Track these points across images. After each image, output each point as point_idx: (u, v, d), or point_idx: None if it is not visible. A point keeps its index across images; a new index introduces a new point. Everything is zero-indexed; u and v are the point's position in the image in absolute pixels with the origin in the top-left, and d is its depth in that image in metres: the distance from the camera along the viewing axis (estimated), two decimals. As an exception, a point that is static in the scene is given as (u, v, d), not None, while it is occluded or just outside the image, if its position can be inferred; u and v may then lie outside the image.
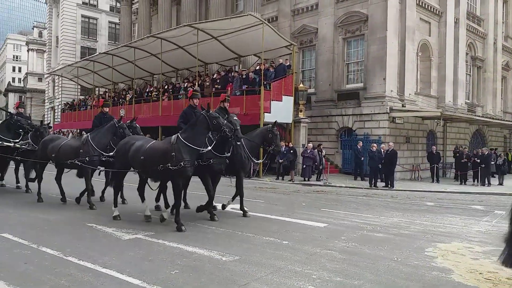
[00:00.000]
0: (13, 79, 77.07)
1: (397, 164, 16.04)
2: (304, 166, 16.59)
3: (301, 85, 19.60)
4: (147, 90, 24.76)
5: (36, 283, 4.04)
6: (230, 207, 8.44)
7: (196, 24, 19.41)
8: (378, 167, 15.50)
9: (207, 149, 6.69)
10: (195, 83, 20.37)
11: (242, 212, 8.05)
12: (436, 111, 19.27)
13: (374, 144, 16.27)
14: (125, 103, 25.09)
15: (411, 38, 20.57)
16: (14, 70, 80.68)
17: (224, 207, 8.31)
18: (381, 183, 15.52)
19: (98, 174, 8.41)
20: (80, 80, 31.81)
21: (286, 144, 16.62)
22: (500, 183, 18.06)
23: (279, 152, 11.32)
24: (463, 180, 18.42)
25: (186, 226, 6.49)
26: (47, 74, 46.27)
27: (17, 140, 10.29)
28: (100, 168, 8.47)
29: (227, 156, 7.51)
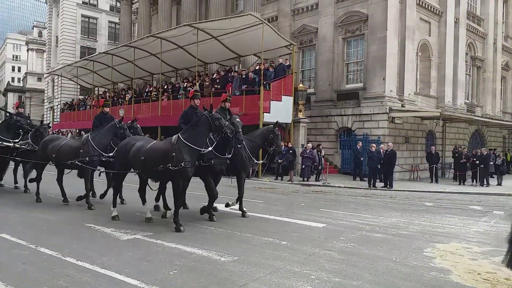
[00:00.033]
0: (12, 78, 77.11)
1: (396, 165, 16.04)
2: (303, 166, 16.60)
3: (300, 85, 19.58)
4: (146, 90, 24.74)
5: (34, 283, 4.04)
6: (232, 207, 8.36)
7: (196, 24, 19.42)
8: (377, 167, 15.51)
9: (208, 149, 6.67)
10: (194, 83, 20.36)
11: (241, 212, 8.04)
12: (436, 111, 19.27)
13: (373, 144, 16.29)
14: (124, 103, 25.10)
15: (411, 38, 20.58)
16: (13, 69, 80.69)
17: (227, 205, 8.15)
18: (380, 183, 15.53)
19: (99, 175, 8.39)
20: (79, 80, 31.81)
21: (285, 144, 16.61)
22: (499, 184, 18.05)
23: (280, 153, 11.34)
24: (462, 181, 18.44)
25: (185, 226, 6.49)
26: (46, 74, 46.25)
27: (16, 140, 10.26)
28: (100, 169, 8.45)
29: (228, 157, 7.46)
